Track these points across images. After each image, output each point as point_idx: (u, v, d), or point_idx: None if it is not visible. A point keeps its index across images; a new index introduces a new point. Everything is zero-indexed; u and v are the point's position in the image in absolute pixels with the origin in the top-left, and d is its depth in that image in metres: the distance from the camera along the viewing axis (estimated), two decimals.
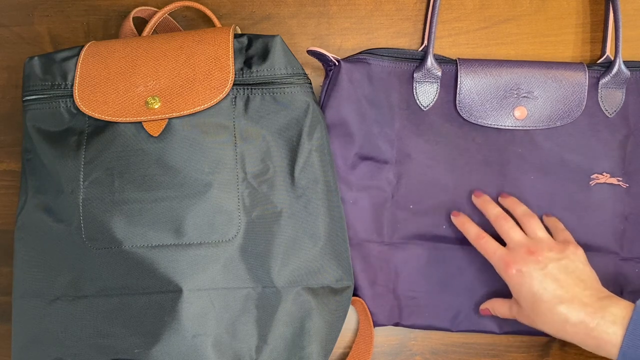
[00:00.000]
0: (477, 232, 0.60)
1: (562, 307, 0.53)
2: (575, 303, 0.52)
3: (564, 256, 0.56)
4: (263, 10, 0.68)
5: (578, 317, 0.52)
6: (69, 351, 0.57)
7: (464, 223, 0.61)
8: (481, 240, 0.59)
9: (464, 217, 0.62)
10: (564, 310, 0.52)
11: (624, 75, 0.63)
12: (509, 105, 0.63)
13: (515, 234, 0.58)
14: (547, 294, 0.53)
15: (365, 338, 0.65)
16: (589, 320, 0.51)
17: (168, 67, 0.58)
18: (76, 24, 0.69)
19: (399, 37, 0.68)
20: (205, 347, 0.55)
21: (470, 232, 0.60)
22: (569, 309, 0.52)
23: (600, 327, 0.51)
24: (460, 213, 0.63)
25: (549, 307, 0.53)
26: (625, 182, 0.64)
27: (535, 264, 0.55)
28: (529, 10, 0.68)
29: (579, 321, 0.52)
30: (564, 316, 0.52)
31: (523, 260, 0.55)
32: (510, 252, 0.57)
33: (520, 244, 0.57)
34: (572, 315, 0.52)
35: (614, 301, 0.52)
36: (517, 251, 0.56)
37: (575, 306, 0.52)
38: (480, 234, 0.59)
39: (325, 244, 0.59)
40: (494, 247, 0.58)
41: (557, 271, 0.54)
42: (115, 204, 0.56)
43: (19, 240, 0.59)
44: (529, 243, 0.57)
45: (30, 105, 0.59)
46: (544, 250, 0.56)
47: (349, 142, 0.63)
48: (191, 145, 0.56)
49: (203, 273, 0.55)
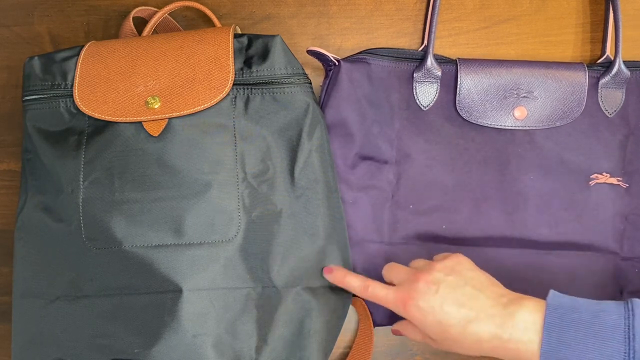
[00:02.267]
0: (361, 282, 0.55)
1: (471, 327, 0.49)
2: (482, 318, 0.49)
3: (450, 270, 0.52)
4: (263, 10, 0.68)
5: (489, 332, 0.49)
6: (69, 351, 0.57)
7: (343, 277, 0.56)
8: (368, 289, 0.54)
9: (341, 271, 0.57)
10: (474, 329, 0.49)
11: (624, 75, 0.63)
12: (509, 105, 0.63)
13: (398, 272, 0.55)
14: (452, 319, 0.50)
15: (365, 338, 0.65)
16: (500, 332, 0.48)
17: (168, 67, 0.58)
18: (76, 24, 0.69)
19: (399, 37, 0.68)
20: (205, 347, 0.55)
21: (354, 284, 0.55)
22: (478, 326, 0.49)
23: (514, 338, 0.48)
24: (335, 268, 0.58)
25: (458, 330, 0.50)
26: (625, 182, 0.64)
27: (426, 292, 0.51)
28: (529, 10, 0.68)
29: (492, 336, 0.49)
30: (476, 335, 0.49)
31: (416, 291, 0.51)
32: (399, 289, 0.53)
33: (405, 278, 0.53)
34: (483, 332, 0.49)
35: (520, 304, 0.49)
36: (405, 284, 0.53)
37: (483, 321, 0.49)
38: (364, 284, 0.55)
39: (325, 244, 0.59)
40: (383, 291, 0.54)
41: (451, 289, 0.51)
42: (115, 204, 0.56)
43: (19, 240, 0.59)
44: (412, 271, 0.54)
45: (30, 105, 0.59)
46: (429, 272, 0.52)
47: (349, 142, 0.63)
48: (191, 145, 0.56)
49: (203, 273, 0.55)
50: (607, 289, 0.64)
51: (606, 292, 0.64)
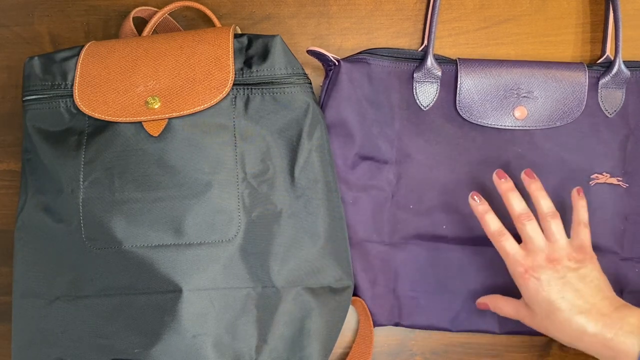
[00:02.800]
0: (499, 228, 0.57)
1: (580, 318, 0.52)
2: (594, 313, 0.52)
3: (582, 265, 0.55)
4: (263, 10, 0.68)
5: (596, 327, 0.51)
6: (69, 351, 0.57)
7: (484, 213, 0.57)
8: (501, 237, 0.56)
9: (485, 205, 0.58)
10: (582, 320, 0.52)
11: (624, 75, 0.63)
12: (509, 105, 0.63)
13: (538, 238, 0.56)
14: (565, 304, 0.53)
15: (365, 338, 0.65)
16: (606, 331, 0.51)
17: (168, 67, 0.58)
18: (76, 24, 0.69)
19: (399, 37, 0.68)
20: (205, 347, 0.55)
21: (491, 226, 0.57)
22: (587, 319, 0.52)
23: (617, 338, 0.50)
24: (481, 198, 0.58)
25: (566, 316, 0.53)
26: (625, 182, 0.64)
27: (554, 271, 0.54)
28: (529, 10, 0.68)
29: (597, 332, 0.51)
30: (582, 327, 0.52)
31: (541, 268, 0.54)
32: (528, 256, 0.55)
33: (540, 249, 0.55)
34: (590, 326, 0.52)
35: (631, 311, 0.52)
36: (536, 257, 0.55)
37: (594, 316, 0.52)
38: (501, 231, 0.56)
39: (325, 244, 0.59)
40: (513, 248, 0.56)
41: (576, 280, 0.54)
42: (115, 204, 0.56)
43: (19, 240, 0.59)
44: (549, 250, 0.55)
45: (30, 105, 0.59)
46: (563, 259, 0.55)
47: (349, 142, 0.63)
48: (191, 145, 0.56)
49: (203, 273, 0.55)
50: None
51: None
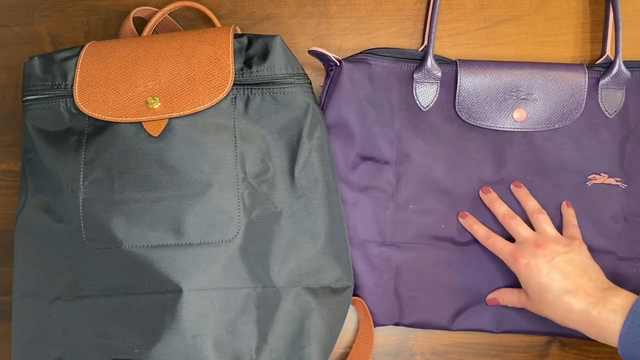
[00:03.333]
0: (486, 232, 0.62)
1: (567, 297, 0.56)
2: (580, 293, 0.55)
3: (570, 250, 0.58)
4: (263, 10, 0.68)
5: (581, 305, 0.55)
6: (69, 351, 0.57)
7: (472, 224, 0.63)
8: (489, 240, 0.62)
9: (472, 218, 0.64)
10: (569, 299, 0.55)
11: (624, 75, 0.63)
12: (508, 107, 0.63)
13: (524, 231, 0.61)
14: (553, 285, 0.56)
15: (366, 338, 0.65)
16: (591, 308, 0.54)
17: (168, 67, 0.58)
18: (76, 24, 0.69)
19: (399, 37, 0.68)
20: (205, 347, 0.55)
21: (479, 232, 0.63)
22: (574, 298, 0.55)
23: (601, 315, 0.53)
24: (467, 214, 0.64)
25: (555, 296, 0.56)
26: (624, 183, 0.64)
27: (542, 256, 0.58)
28: (529, 10, 0.68)
29: (582, 309, 0.55)
30: (568, 305, 0.55)
31: (531, 253, 0.58)
32: (518, 246, 0.60)
33: (528, 239, 0.60)
34: (576, 304, 0.55)
35: (616, 292, 0.55)
36: (525, 245, 0.59)
37: (580, 296, 0.55)
38: (488, 234, 0.62)
39: (325, 244, 0.59)
40: (502, 244, 0.61)
41: (564, 263, 0.57)
42: (115, 204, 0.56)
43: (19, 240, 0.59)
44: (537, 237, 0.60)
45: (30, 105, 0.59)
46: (550, 244, 0.58)
47: (349, 143, 0.63)
48: (191, 145, 0.56)
49: (203, 273, 0.55)
50: None
51: None
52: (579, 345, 0.67)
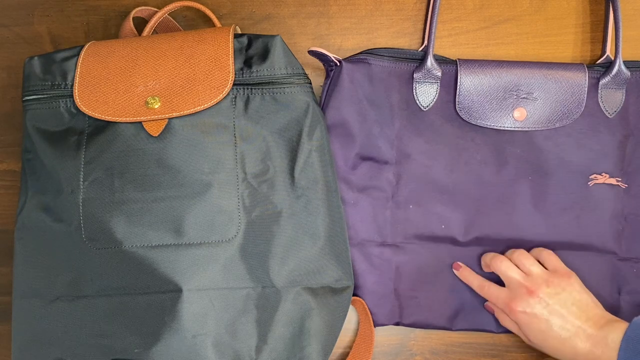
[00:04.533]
0: (480, 281, 0.63)
1: (570, 342, 0.57)
2: (581, 335, 0.57)
3: (562, 289, 0.59)
4: (263, 10, 0.68)
5: (585, 347, 0.57)
6: (69, 351, 0.57)
7: (467, 276, 0.64)
8: (484, 289, 0.63)
9: (466, 269, 0.64)
10: (572, 343, 0.57)
11: (624, 75, 0.63)
12: (509, 107, 0.63)
13: (513, 273, 0.61)
14: (554, 330, 0.58)
15: (366, 338, 0.65)
16: (595, 349, 0.56)
17: (168, 67, 0.58)
18: (76, 24, 0.69)
19: (399, 37, 0.68)
20: (205, 347, 0.55)
21: (474, 283, 0.64)
22: (576, 341, 0.57)
23: (605, 355, 0.55)
24: (461, 265, 0.65)
25: (558, 341, 0.58)
26: (624, 183, 0.64)
27: (537, 303, 0.59)
28: (529, 10, 0.68)
29: (587, 351, 0.57)
30: (573, 349, 0.57)
31: (526, 302, 0.59)
32: (511, 294, 0.60)
33: (519, 284, 0.60)
34: (579, 347, 0.57)
35: (613, 327, 0.56)
36: (518, 292, 0.60)
37: (581, 338, 0.57)
38: (482, 283, 0.63)
39: (325, 244, 0.59)
40: (496, 292, 0.62)
41: (559, 306, 0.58)
42: (115, 204, 0.56)
43: (19, 240, 0.59)
44: (527, 282, 0.60)
45: (30, 105, 0.59)
46: (542, 287, 0.59)
47: (349, 143, 0.63)
48: (191, 145, 0.56)
49: (203, 273, 0.55)
50: (605, 288, 0.64)
51: (604, 291, 0.64)
52: None
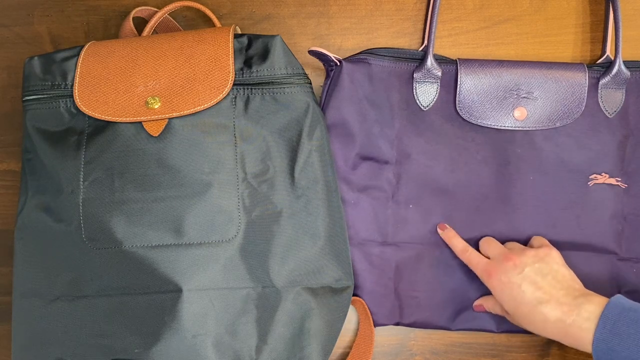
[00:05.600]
0: (462, 246, 0.63)
1: (540, 308, 0.56)
2: (552, 303, 0.55)
3: (539, 259, 0.59)
4: (263, 10, 0.68)
5: (555, 315, 0.55)
6: (69, 351, 0.57)
7: (450, 237, 0.64)
8: (466, 253, 0.62)
9: (450, 231, 0.64)
10: (543, 310, 0.56)
11: (624, 75, 0.63)
12: (509, 106, 0.63)
13: (495, 247, 0.62)
14: (526, 297, 0.57)
15: (366, 338, 0.65)
16: (565, 317, 0.54)
17: (168, 67, 0.58)
18: (76, 24, 0.69)
19: (399, 37, 0.68)
20: (205, 347, 0.55)
21: (456, 245, 0.63)
22: (547, 309, 0.55)
23: (575, 324, 0.54)
24: (446, 226, 0.64)
25: (529, 308, 0.56)
26: (624, 182, 0.64)
27: (512, 269, 0.58)
28: (529, 10, 0.68)
29: (557, 319, 0.55)
30: (543, 316, 0.55)
31: (502, 268, 0.59)
32: (491, 262, 0.60)
33: (500, 254, 0.60)
34: (550, 314, 0.55)
35: (588, 299, 0.55)
36: (497, 260, 0.60)
37: (553, 306, 0.55)
38: (464, 248, 0.63)
39: (325, 244, 0.59)
40: (477, 259, 0.61)
41: (534, 274, 0.58)
42: (115, 204, 0.56)
43: (19, 240, 0.59)
44: (506, 251, 0.60)
45: (30, 105, 0.59)
46: (519, 256, 0.59)
47: (349, 143, 0.63)
48: (191, 145, 0.56)
49: (203, 273, 0.55)
50: (605, 288, 0.64)
51: (604, 291, 0.64)
52: None
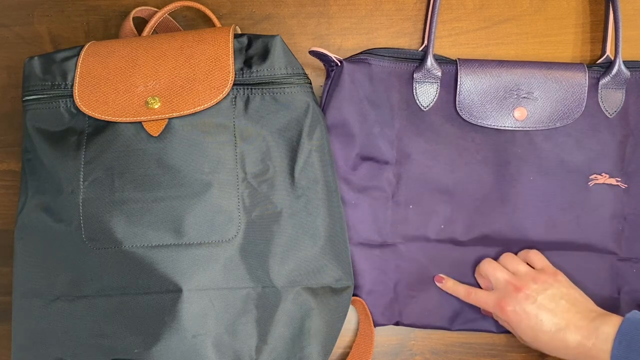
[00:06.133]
0: (465, 290, 0.63)
1: (560, 335, 0.57)
2: (571, 328, 0.56)
3: (549, 285, 0.59)
4: (263, 10, 0.68)
5: (575, 340, 0.56)
6: (69, 351, 0.57)
7: (451, 287, 0.64)
8: (471, 296, 0.63)
9: (450, 280, 0.64)
10: (563, 337, 0.57)
11: (624, 75, 0.63)
12: (509, 106, 0.63)
13: (500, 273, 0.61)
14: (544, 326, 0.57)
15: (366, 338, 0.65)
16: (585, 342, 0.55)
17: (168, 67, 0.58)
18: (76, 24, 0.69)
19: (399, 37, 0.68)
20: (205, 347, 0.55)
21: (460, 292, 0.63)
22: (567, 334, 0.56)
23: (596, 347, 0.55)
24: (444, 277, 0.64)
25: (549, 336, 0.57)
26: (624, 183, 0.64)
27: (525, 300, 0.58)
28: (529, 10, 0.68)
29: (578, 344, 0.56)
30: (564, 342, 0.57)
31: (514, 300, 0.59)
32: (499, 294, 0.60)
33: (507, 283, 0.60)
34: (570, 340, 0.56)
35: (605, 319, 0.56)
36: (506, 291, 0.60)
37: (572, 331, 0.56)
38: (468, 291, 0.63)
39: (325, 244, 0.59)
40: (484, 297, 0.62)
41: (548, 301, 0.58)
42: (115, 204, 0.56)
43: (19, 240, 0.59)
44: (514, 280, 0.60)
45: (30, 105, 0.59)
46: (529, 284, 0.59)
47: (350, 143, 0.63)
48: (191, 145, 0.56)
49: (203, 273, 0.55)
50: (605, 288, 0.64)
51: (604, 291, 0.64)
52: None
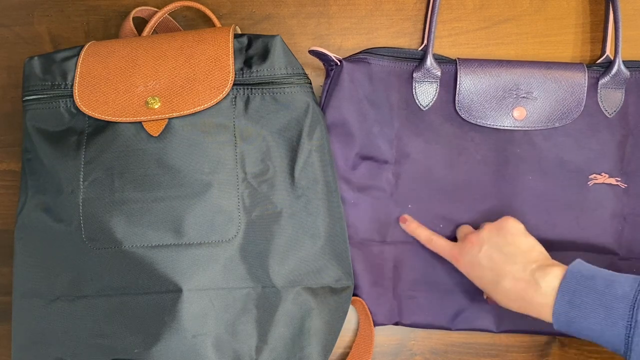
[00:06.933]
0: (426, 235, 0.63)
1: (500, 286, 0.56)
2: (509, 279, 0.55)
3: (497, 232, 0.58)
4: (263, 10, 0.68)
5: (514, 292, 0.55)
6: (69, 351, 0.57)
7: (414, 229, 0.63)
8: (431, 242, 0.62)
9: (413, 222, 0.64)
10: (502, 289, 0.56)
11: (624, 75, 0.63)
12: (508, 106, 0.63)
13: (465, 229, 0.62)
14: (486, 277, 0.57)
15: (366, 338, 0.65)
16: (523, 294, 0.54)
17: (168, 67, 0.58)
18: (76, 24, 0.69)
19: (399, 37, 0.68)
20: (205, 347, 0.55)
21: (421, 236, 0.63)
22: (505, 287, 0.55)
23: (536, 300, 0.53)
24: (407, 218, 0.64)
25: (492, 286, 0.57)
26: (623, 182, 0.64)
27: (471, 249, 0.58)
28: (529, 10, 0.68)
29: (517, 297, 0.55)
30: (505, 293, 0.56)
31: (465, 250, 0.59)
32: (454, 245, 0.61)
33: (465, 235, 0.61)
34: (510, 292, 0.55)
35: (546, 271, 0.54)
36: (462, 243, 0.60)
37: (510, 283, 0.55)
38: (429, 237, 0.62)
39: (325, 244, 0.59)
40: (442, 245, 0.62)
41: (491, 250, 0.57)
42: (115, 204, 0.56)
43: (19, 240, 0.60)
44: (470, 232, 0.61)
45: (30, 105, 0.60)
46: (477, 233, 0.59)
47: (349, 142, 0.63)
48: (191, 145, 0.56)
49: (203, 273, 0.56)
50: None
51: None
52: (579, 345, 0.67)
